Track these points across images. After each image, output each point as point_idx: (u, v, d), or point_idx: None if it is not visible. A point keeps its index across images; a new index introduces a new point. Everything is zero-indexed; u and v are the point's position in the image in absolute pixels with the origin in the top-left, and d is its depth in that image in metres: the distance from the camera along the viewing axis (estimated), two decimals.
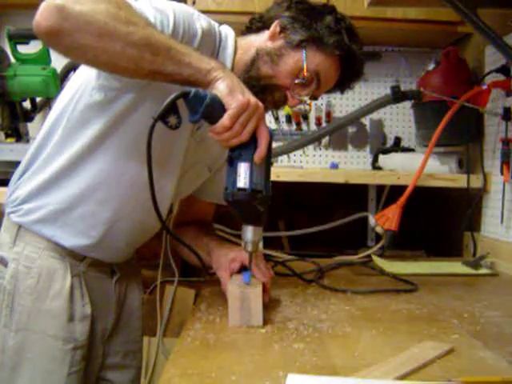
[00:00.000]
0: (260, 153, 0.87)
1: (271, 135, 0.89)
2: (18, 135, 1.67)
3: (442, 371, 0.72)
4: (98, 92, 0.96)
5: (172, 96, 0.83)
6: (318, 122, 2.14)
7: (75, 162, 1.00)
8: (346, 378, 0.69)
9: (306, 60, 1.02)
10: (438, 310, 1.04)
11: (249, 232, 0.93)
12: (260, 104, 0.86)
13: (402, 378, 0.69)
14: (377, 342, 0.85)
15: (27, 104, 1.70)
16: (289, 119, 2.14)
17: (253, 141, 0.87)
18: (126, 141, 1.00)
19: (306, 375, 0.69)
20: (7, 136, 1.68)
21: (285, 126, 2.15)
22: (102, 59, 0.81)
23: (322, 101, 2.15)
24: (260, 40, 1.07)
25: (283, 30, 1.05)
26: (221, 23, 1.08)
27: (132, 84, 0.94)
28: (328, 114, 2.14)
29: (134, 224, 1.08)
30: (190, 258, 1.20)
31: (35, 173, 1.04)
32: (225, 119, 0.82)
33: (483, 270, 1.45)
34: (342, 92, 1.16)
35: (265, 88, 1.04)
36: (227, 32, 1.07)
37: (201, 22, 0.97)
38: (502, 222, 1.55)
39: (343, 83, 1.12)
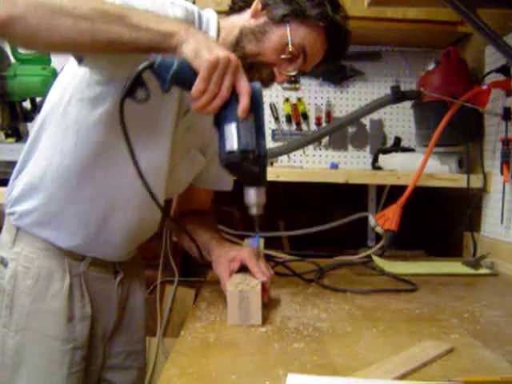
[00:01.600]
0: (242, 107, 0.82)
1: (258, 89, 0.86)
2: (18, 135, 1.67)
3: (441, 371, 0.72)
4: (88, 88, 0.96)
5: (136, 68, 0.81)
6: (318, 122, 2.14)
7: (62, 160, 1.00)
8: (346, 377, 0.69)
9: (290, 34, 1.01)
10: (438, 310, 1.04)
11: (250, 194, 0.90)
12: (232, 57, 0.81)
13: (402, 377, 0.69)
14: (377, 342, 0.85)
15: (27, 104, 1.70)
16: (289, 119, 2.14)
17: (236, 99, 0.83)
18: (110, 136, 0.98)
19: (306, 375, 0.69)
20: (7, 136, 1.68)
21: (285, 126, 2.15)
22: (57, 38, 0.79)
23: (322, 101, 2.15)
24: (243, 19, 1.05)
25: (265, 6, 1.04)
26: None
27: (116, 77, 0.93)
28: (328, 114, 2.14)
29: (128, 219, 1.07)
30: (190, 249, 1.20)
31: (27, 173, 1.04)
32: (197, 83, 0.80)
33: (483, 270, 1.45)
34: (330, 64, 1.13)
35: (251, 66, 1.02)
36: (209, 15, 1.05)
37: (174, 10, 0.94)
38: (501, 222, 1.55)
39: (331, 55, 1.09)
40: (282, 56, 1.02)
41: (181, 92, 1.01)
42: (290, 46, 1.01)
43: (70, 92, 0.99)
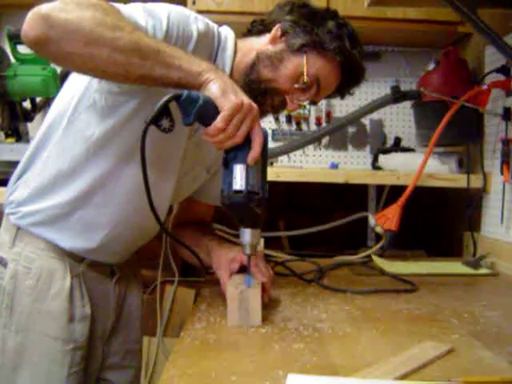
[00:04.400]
0: (253, 154, 0.86)
1: (266, 136, 0.89)
2: (18, 135, 1.67)
3: (441, 371, 0.72)
4: (99, 95, 0.96)
5: (164, 98, 0.82)
6: (318, 122, 2.14)
7: (73, 166, 1.00)
8: (346, 377, 0.69)
9: (307, 65, 1.02)
10: (438, 310, 1.04)
11: (246, 235, 0.92)
12: (254, 105, 0.85)
13: (402, 377, 0.69)
14: (377, 342, 0.85)
15: (27, 104, 1.71)
16: (289, 119, 2.14)
17: (247, 142, 0.86)
18: (123, 147, 0.99)
19: (305, 375, 0.69)
20: (7, 136, 1.68)
21: (285, 126, 2.15)
22: (90, 66, 0.81)
23: (322, 101, 2.14)
24: (261, 43, 1.06)
25: (284, 33, 1.05)
26: (221, 24, 1.08)
27: (132, 90, 0.94)
28: (328, 114, 2.14)
29: (133, 228, 1.08)
30: (190, 257, 1.20)
31: (33, 175, 1.04)
32: (218, 121, 0.82)
33: (483, 270, 1.45)
34: (342, 97, 1.15)
35: (265, 91, 1.04)
36: (227, 34, 1.06)
37: (197, 25, 0.96)
38: (501, 222, 1.55)
39: (343, 89, 1.12)
40: (296, 85, 1.03)
41: None
42: (304, 75, 1.02)
43: (78, 97, 0.99)
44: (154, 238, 1.21)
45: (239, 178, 0.86)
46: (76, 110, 0.99)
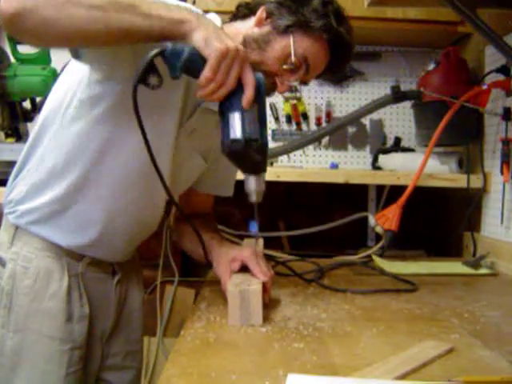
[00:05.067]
0: (247, 97, 0.84)
1: (260, 80, 0.87)
2: (18, 135, 1.67)
3: (441, 371, 0.72)
4: (87, 89, 0.96)
5: (149, 54, 0.81)
6: (318, 122, 2.14)
7: (66, 160, 1.00)
8: (346, 377, 0.69)
9: (294, 45, 1.01)
10: (438, 310, 1.04)
11: (250, 182, 0.91)
12: (240, 47, 0.83)
13: (402, 377, 0.69)
14: (377, 342, 0.85)
15: (27, 104, 1.70)
16: (289, 119, 2.14)
17: (240, 88, 0.84)
18: (110, 139, 0.99)
19: (306, 375, 0.69)
20: (7, 136, 1.68)
21: (285, 126, 2.15)
22: (71, 29, 0.79)
23: (322, 101, 2.15)
24: (246, 27, 1.05)
25: (269, 15, 1.03)
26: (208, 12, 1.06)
27: (115, 76, 0.93)
28: (328, 114, 2.14)
29: (130, 221, 1.08)
30: (193, 251, 1.20)
31: (29, 173, 1.04)
32: (206, 71, 0.81)
33: (483, 270, 1.45)
34: (334, 75, 1.13)
35: None
36: (213, 21, 1.05)
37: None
38: (501, 222, 1.55)
39: (333, 67, 1.09)
40: (285, 66, 1.02)
41: (184, 96, 1.02)
42: (292, 56, 1.01)
43: (72, 93, 0.99)
44: (154, 238, 1.21)
45: (236, 127, 0.85)
46: (68, 106, 0.99)
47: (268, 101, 2.10)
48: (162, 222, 1.18)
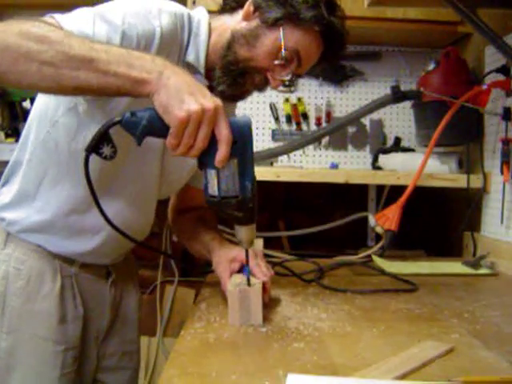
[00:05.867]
0: (219, 157, 0.78)
1: (242, 124, 0.81)
2: (18, 135, 1.67)
3: (441, 371, 0.72)
4: (83, 100, 0.94)
5: (103, 125, 0.79)
6: (318, 122, 2.13)
7: (56, 173, 0.99)
8: (346, 377, 0.69)
9: (284, 39, 0.97)
10: (438, 310, 1.04)
11: (240, 232, 0.91)
12: (207, 107, 0.75)
13: (402, 377, 0.69)
14: (377, 342, 0.85)
15: (27, 104, 1.71)
16: (289, 119, 2.13)
17: (215, 144, 0.79)
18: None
19: (306, 375, 0.69)
20: (7, 136, 1.69)
21: (285, 126, 2.15)
22: (24, 83, 0.78)
23: (322, 101, 2.15)
24: (234, 21, 1.02)
25: (257, 8, 0.99)
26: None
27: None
28: (328, 114, 2.14)
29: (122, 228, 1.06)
30: (194, 248, 1.20)
31: (17, 178, 1.03)
32: (169, 138, 0.77)
33: (483, 270, 1.45)
34: (330, 65, 1.09)
35: (244, 71, 1.00)
36: (200, 17, 1.02)
37: (160, 20, 0.91)
38: (501, 222, 1.55)
39: (327, 57, 1.06)
40: (276, 61, 0.99)
41: None
42: (283, 50, 0.98)
43: (58, 100, 0.96)
44: (154, 238, 1.21)
45: (212, 184, 0.82)
46: (55, 113, 0.96)
47: (268, 101, 2.11)
48: (160, 223, 1.18)
